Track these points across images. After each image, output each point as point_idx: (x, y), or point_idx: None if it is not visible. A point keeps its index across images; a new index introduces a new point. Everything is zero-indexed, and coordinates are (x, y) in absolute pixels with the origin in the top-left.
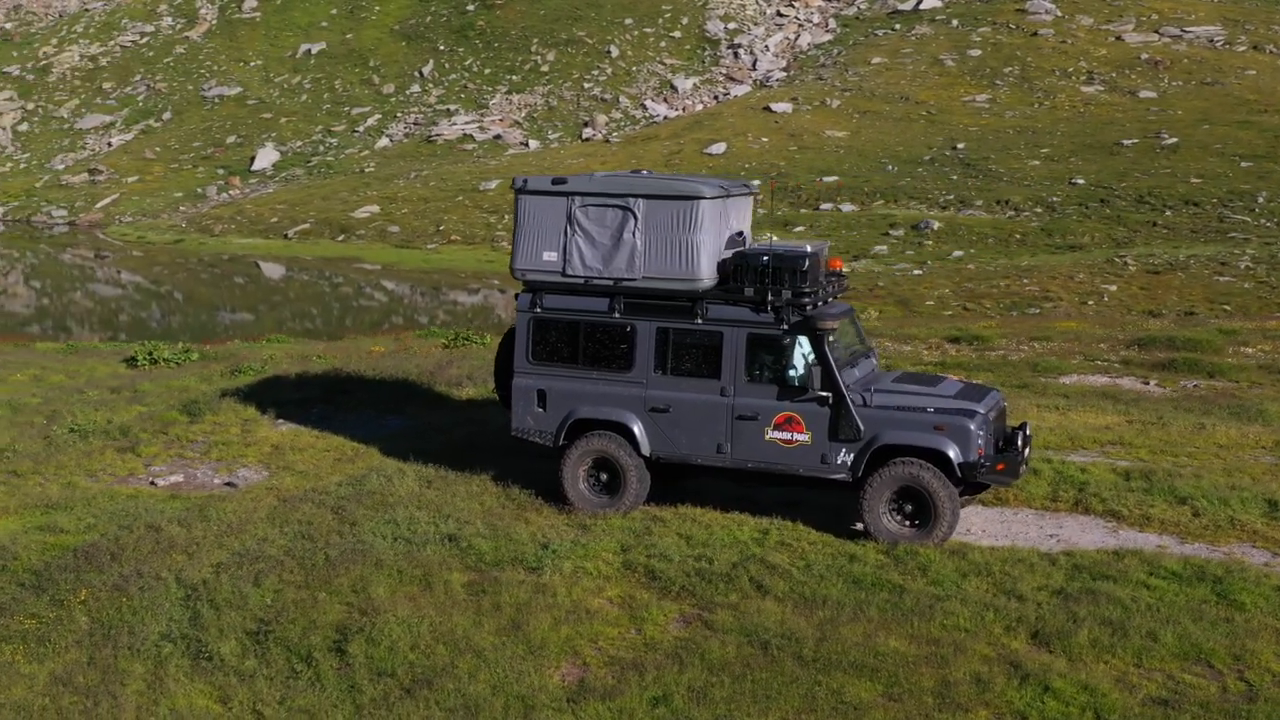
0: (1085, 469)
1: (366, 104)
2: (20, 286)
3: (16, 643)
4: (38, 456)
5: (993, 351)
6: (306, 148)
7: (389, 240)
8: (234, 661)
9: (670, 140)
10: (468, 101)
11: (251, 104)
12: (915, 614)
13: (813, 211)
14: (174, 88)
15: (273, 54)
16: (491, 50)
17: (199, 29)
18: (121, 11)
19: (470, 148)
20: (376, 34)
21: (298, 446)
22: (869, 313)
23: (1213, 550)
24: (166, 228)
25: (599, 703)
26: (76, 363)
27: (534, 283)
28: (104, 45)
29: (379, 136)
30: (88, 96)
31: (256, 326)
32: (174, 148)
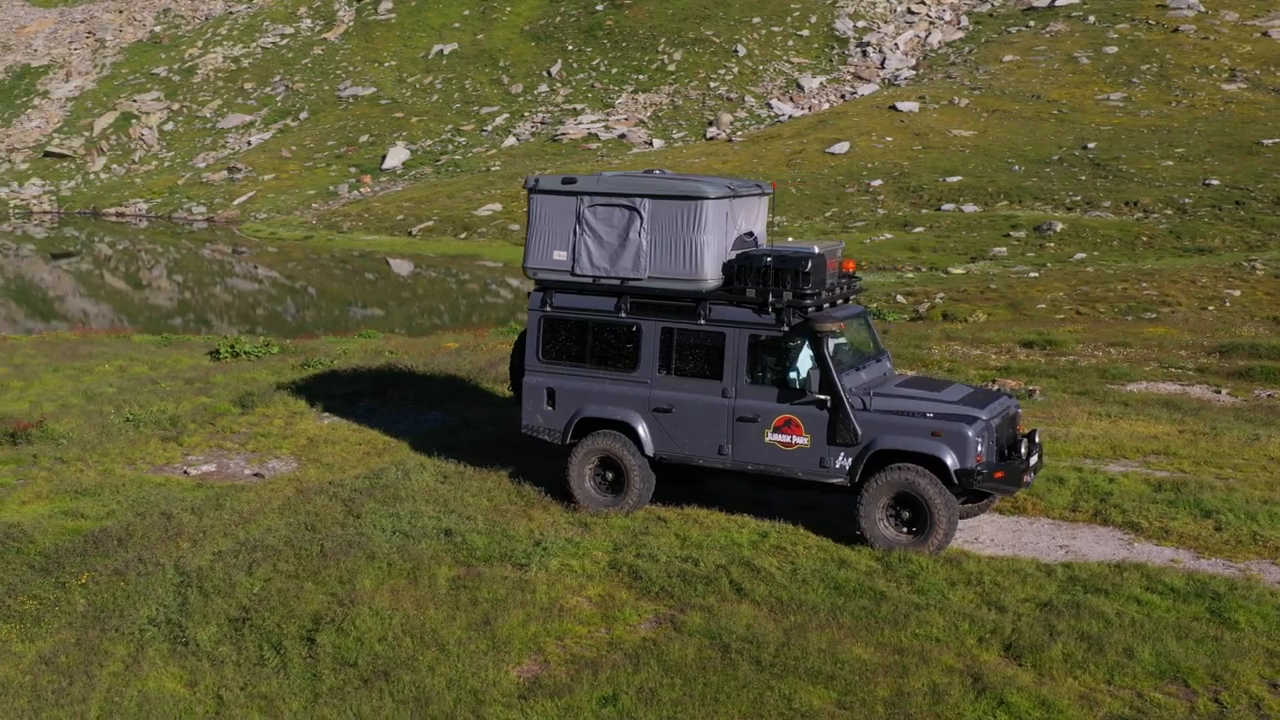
0: (1114, 479)
1: (495, 103)
2: (164, 280)
3: (14, 622)
4: (87, 444)
5: (1064, 357)
6: (436, 146)
7: (509, 238)
8: (209, 647)
9: (793, 139)
10: (594, 101)
11: (384, 104)
12: (889, 622)
13: (934, 212)
14: (311, 88)
15: (406, 54)
16: (619, 50)
17: (336, 30)
18: (263, 14)
19: (594, 147)
20: (507, 34)
21: (332, 440)
22: (976, 316)
23: (1228, 566)
24: (297, 224)
25: (548, 700)
26: (164, 355)
27: (545, 281)
28: (246, 47)
29: (506, 135)
30: (229, 97)
31: (386, 322)
32: (309, 146)
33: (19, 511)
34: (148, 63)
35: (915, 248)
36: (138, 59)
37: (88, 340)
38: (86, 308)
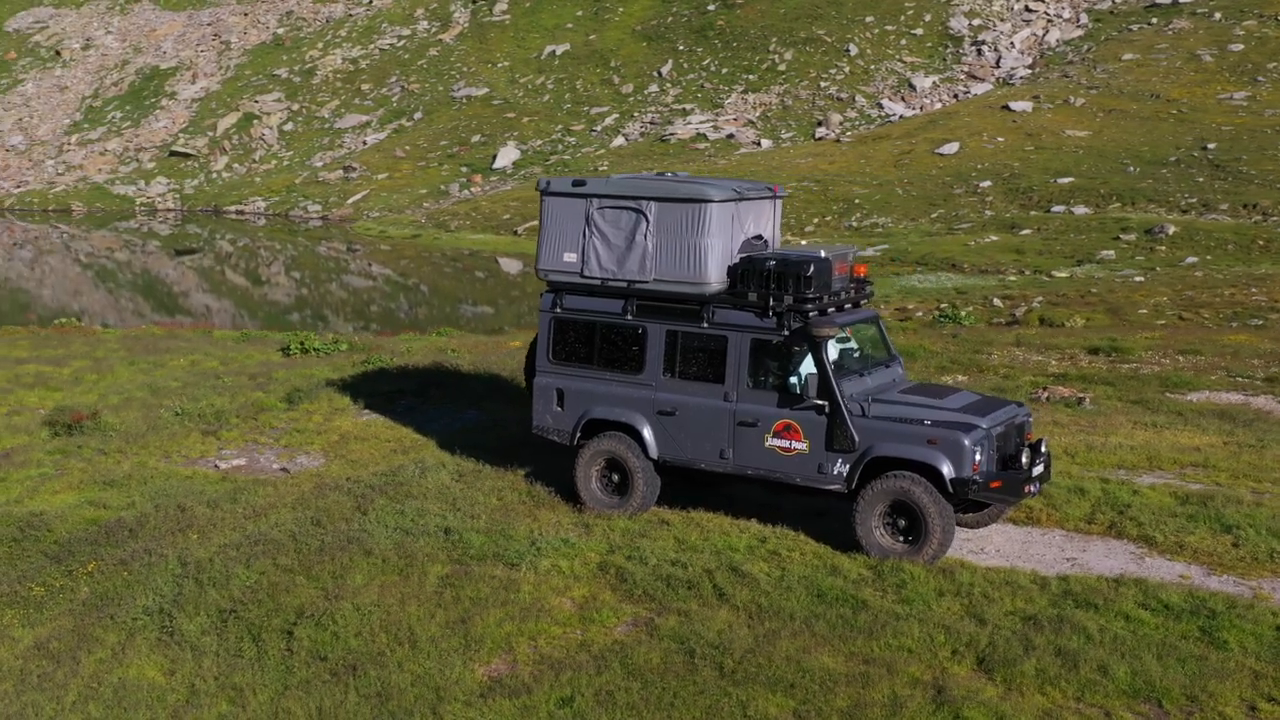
0: (1139, 491)
1: (605, 104)
2: (282, 277)
3: (19, 608)
4: (131, 436)
5: (1128, 364)
6: (546, 146)
7: None
8: (194, 637)
9: (902, 140)
10: (704, 101)
11: (496, 104)
12: (863, 632)
13: (1043, 214)
14: (425, 89)
15: (519, 55)
16: (730, 50)
17: (451, 32)
18: (382, 16)
19: (702, 147)
20: (618, 35)
21: (364, 437)
22: (1074, 320)
23: (1238, 584)
24: (407, 223)
25: (507, 700)
26: (238, 351)
27: (556, 283)
28: (364, 49)
29: (615, 136)
30: (347, 97)
31: (496, 319)
32: (422, 146)
33: (49, 500)
34: (270, 64)
35: (1020, 250)
36: (260, 61)
37: (172, 335)
38: (209, 303)
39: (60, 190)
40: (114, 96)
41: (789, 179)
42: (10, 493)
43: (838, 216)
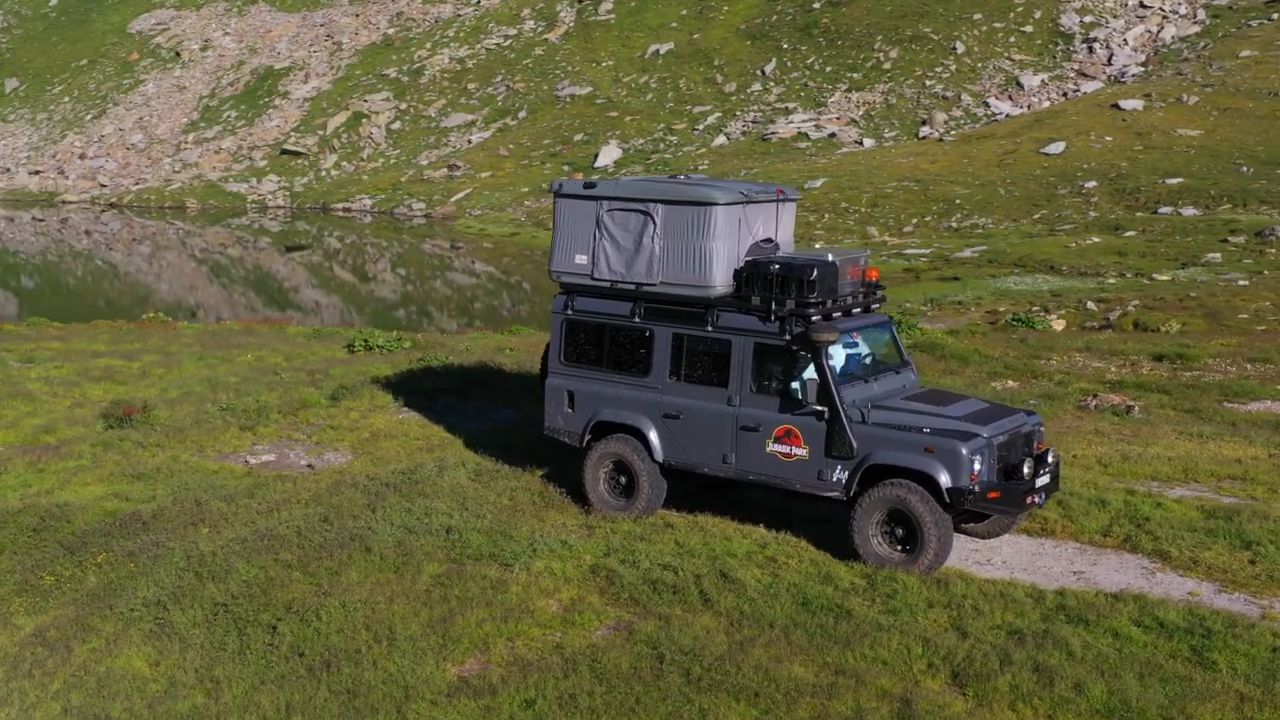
0: (1163, 503)
1: (708, 102)
2: (388, 274)
3: (27, 596)
4: (173, 430)
5: (1190, 371)
6: (647, 145)
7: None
8: (184, 630)
9: (1006, 139)
10: (807, 100)
11: (600, 103)
12: (841, 642)
13: (1149, 215)
14: (530, 88)
15: (623, 54)
16: (834, 48)
17: (557, 31)
18: (489, 16)
19: (803, 146)
20: (723, 33)
21: (395, 434)
22: (1169, 325)
23: (1248, 602)
24: (506, 221)
25: (471, 699)
26: (305, 347)
27: (568, 285)
28: (471, 48)
29: (716, 135)
30: (453, 97)
31: None
32: (525, 145)
33: (78, 492)
34: (379, 64)
35: (1122, 252)
36: (370, 61)
37: (248, 331)
38: (318, 298)
39: (176, 187)
40: (230, 96)
41: (889, 179)
42: (44, 483)
43: (937, 217)
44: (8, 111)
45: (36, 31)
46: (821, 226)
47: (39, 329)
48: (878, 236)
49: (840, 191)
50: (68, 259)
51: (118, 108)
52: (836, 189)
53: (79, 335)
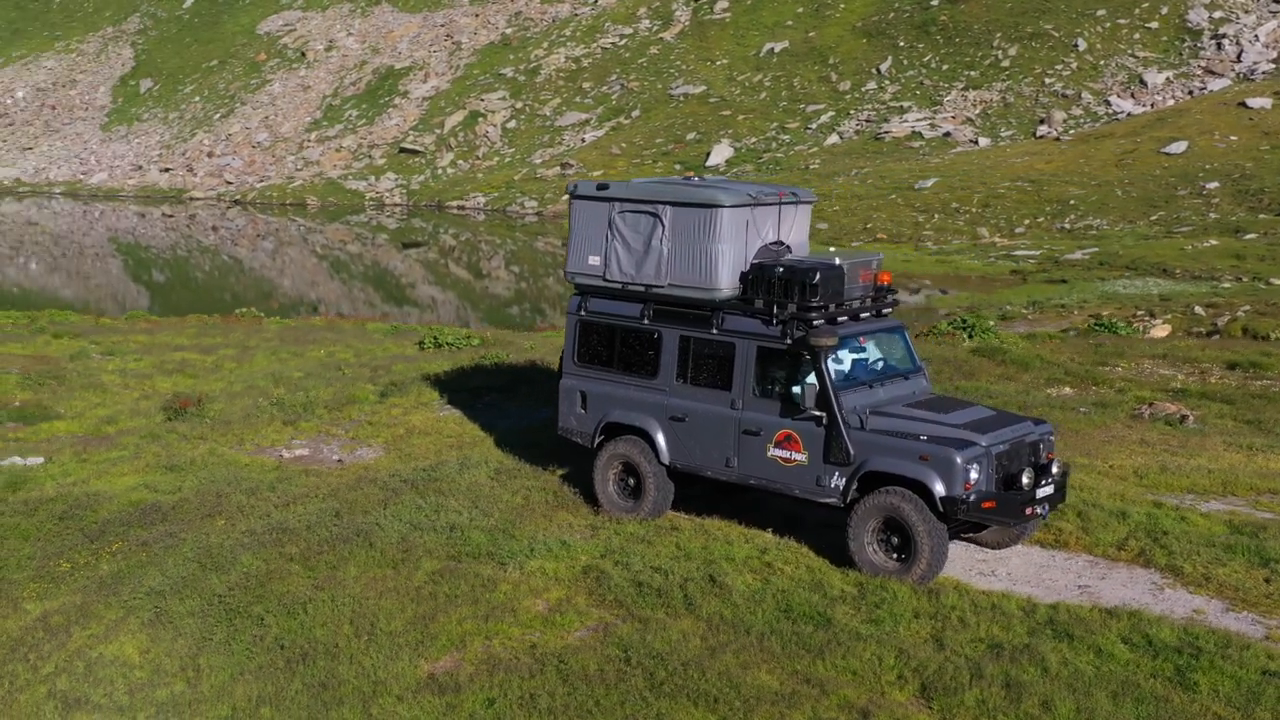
0: (1188, 518)
1: (822, 101)
2: (502, 271)
3: (42, 582)
4: (220, 423)
5: (1261, 381)
6: (760, 144)
7: (817, 237)
8: (178, 619)
9: (1126, 138)
10: (922, 98)
11: (713, 102)
12: (814, 651)
13: (1273, 217)
14: (644, 86)
15: (738, 53)
16: (952, 46)
17: (672, 30)
18: (605, 15)
19: (917, 145)
20: (838, 31)
21: (429, 431)
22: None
23: (1254, 622)
24: None
25: (436, 696)
26: (377, 344)
27: (582, 286)
28: (587, 47)
29: (829, 134)
30: (568, 96)
31: None
32: (638, 144)
33: (112, 481)
34: (497, 63)
35: (1240, 256)
36: (488, 60)
37: (330, 327)
38: (434, 295)
39: (298, 185)
40: (352, 95)
41: (1002, 179)
42: (81, 472)
43: (1050, 218)
44: (142, 111)
45: (171, 33)
46: (930, 227)
47: (132, 322)
48: (987, 237)
49: (951, 191)
50: (195, 254)
51: (245, 107)
52: (948, 189)
53: (167, 329)
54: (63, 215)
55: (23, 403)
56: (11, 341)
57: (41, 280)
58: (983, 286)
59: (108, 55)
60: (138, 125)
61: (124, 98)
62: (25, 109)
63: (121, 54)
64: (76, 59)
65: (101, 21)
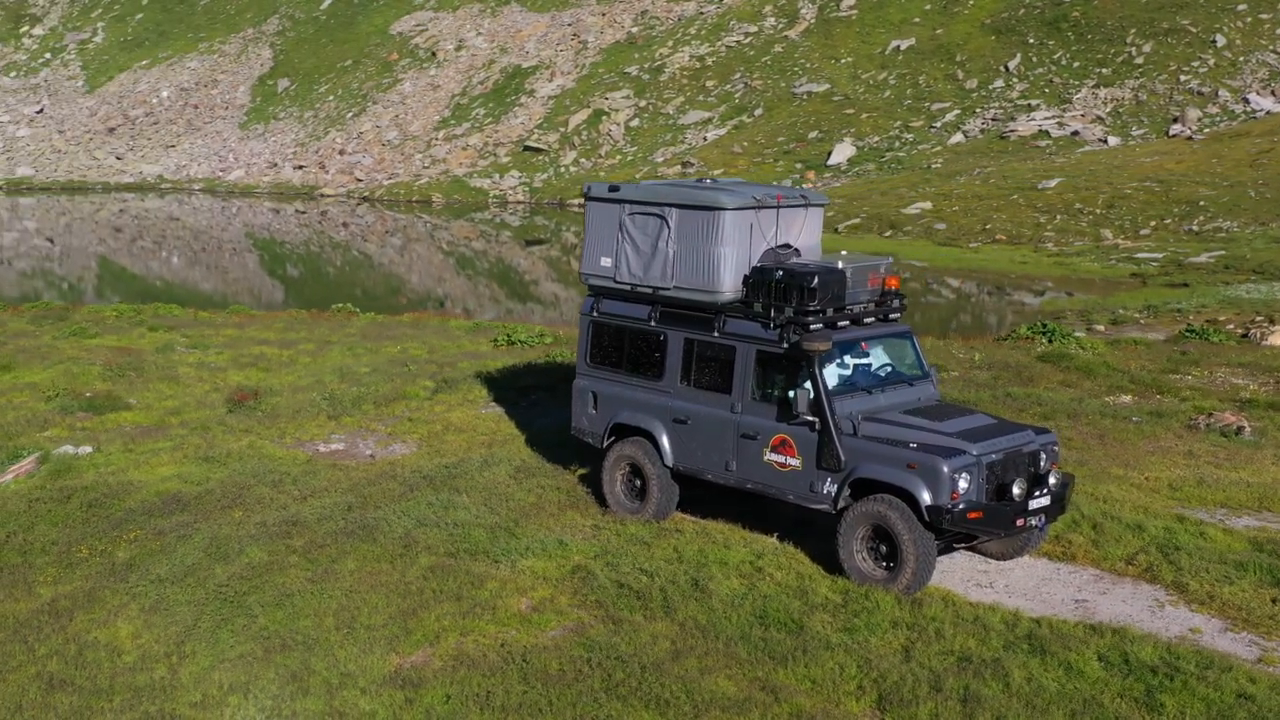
0: (1207, 533)
1: (947, 99)
2: None
3: (59, 567)
4: (268, 417)
5: None
6: (882, 143)
7: (934, 238)
8: (175, 606)
9: (1262, 137)
10: (1050, 96)
11: (836, 100)
12: (779, 658)
13: None
14: (768, 85)
15: (863, 51)
16: (1083, 42)
17: (798, 28)
18: (731, 13)
19: (1043, 144)
20: (966, 29)
21: (465, 429)
22: None
23: (1250, 643)
24: None
25: (398, 690)
26: (453, 340)
27: (595, 287)
28: (711, 46)
29: (954, 132)
30: (691, 94)
31: None
32: (760, 142)
33: (148, 471)
34: (621, 62)
35: None
36: (613, 59)
37: (415, 324)
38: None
39: (424, 182)
40: (479, 95)
41: (1129, 179)
42: (122, 462)
43: (1177, 220)
44: (278, 110)
45: (308, 34)
46: (1052, 228)
47: (227, 316)
48: (1111, 239)
49: (1075, 192)
50: (327, 249)
51: (376, 106)
52: (1072, 189)
53: (256, 324)
54: (202, 211)
55: (94, 393)
56: (110, 334)
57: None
58: (1100, 289)
59: (248, 56)
60: (274, 124)
61: (262, 97)
62: (169, 108)
63: (261, 54)
64: (218, 59)
65: (243, 23)
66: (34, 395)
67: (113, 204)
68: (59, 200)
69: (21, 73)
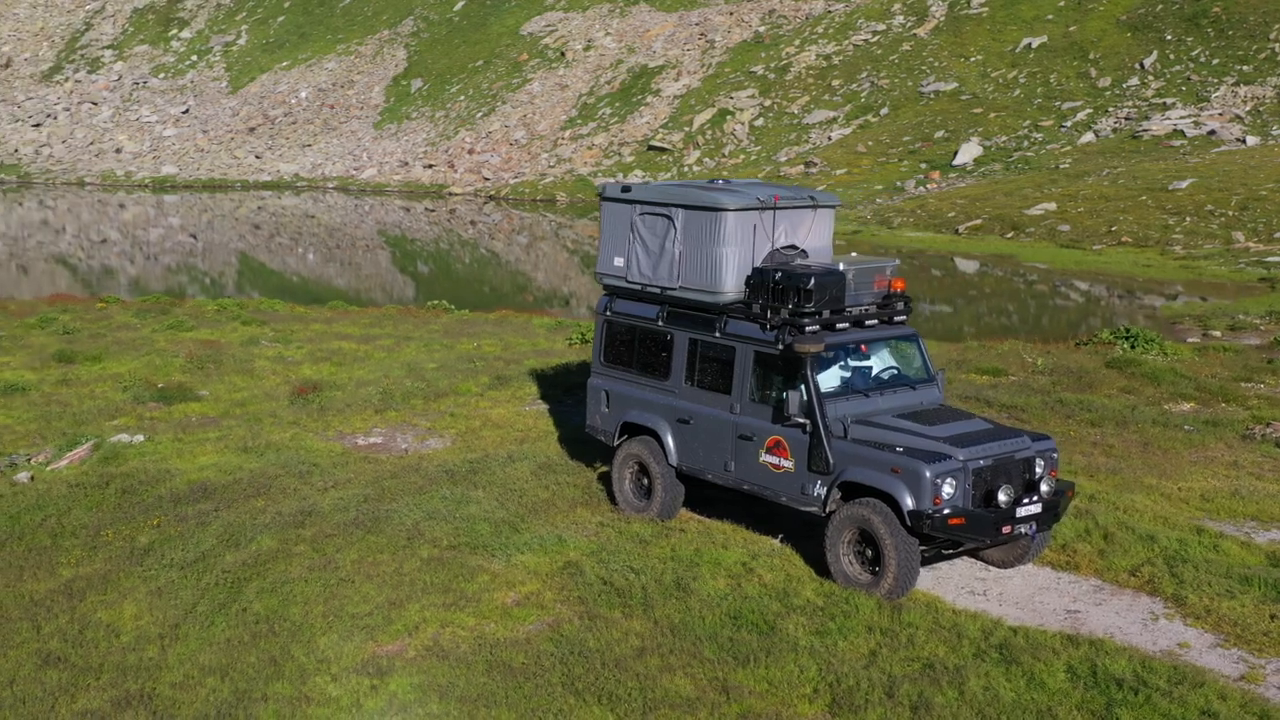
0: (1221, 545)
1: (1079, 98)
2: None
3: (82, 550)
4: (319, 410)
5: None
6: (1010, 143)
7: (1057, 239)
8: (179, 590)
9: None
10: (1187, 95)
11: (964, 99)
12: (742, 659)
13: None
14: (894, 84)
15: (993, 49)
16: (1224, 39)
17: (926, 26)
18: (859, 12)
19: (1177, 144)
20: (1101, 25)
21: (503, 425)
22: None
23: (1238, 660)
24: (852, 219)
25: (366, 677)
26: (531, 338)
27: (609, 287)
28: (838, 45)
29: (1085, 132)
30: (817, 93)
31: (955, 319)
32: (884, 142)
33: (189, 460)
34: (747, 62)
35: None
36: (740, 58)
37: (501, 321)
38: None
39: (549, 181)
40: (606, 94)
41: (1266, 180)
42: (168, 450)
43: None
44: (411, 110)
45: (441, 35)
46: (1180, 230)
47: (321, 311)
48: (1242, 242)
49: (1208, 193)
50: (456, 247)
51: (505, 106)
52: (1204, 190)
53: (345, 319)
54: (335, 209)
55: (167, 384)
56: (206, 327)
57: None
58: (1225, 294)
59: (383, 57)
60: (406, 124)
61: (395, 97)
62: (307, 108)
63: (395, 55)
64: (355, 60)
65: (379, 25)
66: (114, 385)
67: (251, 201)
68: (200, 198)
69: (169, 74)
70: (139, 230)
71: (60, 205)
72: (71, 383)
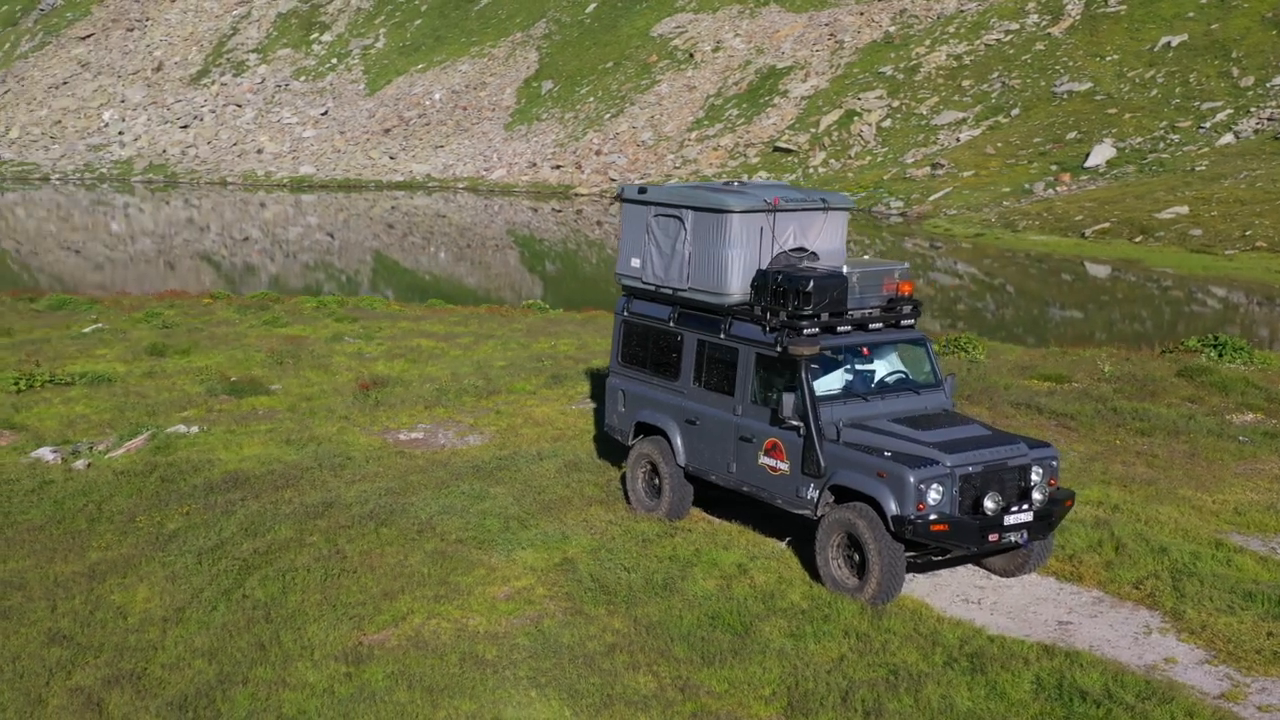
0: (1234, 561)
1: (1219, 98)
2: None
3: (114, 535)
4: (372, 405)
5: None
6: (1145, 144)
7: (1187, 244)
8: (192, 575)
9: None
10: None
11: (1098, 99)
12: (709, 660)
13: None
14: (1026, 84)
15: (1130, 48)
16: None
17: (1061, 25)
18: (991, 11)
19: None
20: (1245, 22)
21: (544, 423)
22: None
23: (1224, 677)
24: (976, 222)
25: (344, 664)
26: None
27: (627, 288)
28: (969, 44)
29: (1224, 133)
30: (946, 94)
31: (1086, 325)
32: (1014, 143)
33: (234, 451)
34: (876, 62)
35: None
36: (869, 59)
37: (586, 321)
38: None
39: (674, 182)
40: (734, 95)
41: None
42: (215, 441)
43: None
44: (541, 111)
45: (572, 37)
46: None
47: (414, 308)
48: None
49: None
50: (583, 247)
51: (633, 107)
52: None
53: (433, 317)
54: (465, 209)
55: (240, 378)
56: (299, 324)
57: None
58: None
59: (515, 59)
60: (536, 125)
61: (526, 99)
62: (440, 110)
63: (527, 57)
64: (488, 63)
65: (512, 27)
66: (194, 379)
67: (384, 201)
68: (336, 197)
69: (310, 77)
70: (279, 229)
71: (205, 204)
72: (156, 375)
